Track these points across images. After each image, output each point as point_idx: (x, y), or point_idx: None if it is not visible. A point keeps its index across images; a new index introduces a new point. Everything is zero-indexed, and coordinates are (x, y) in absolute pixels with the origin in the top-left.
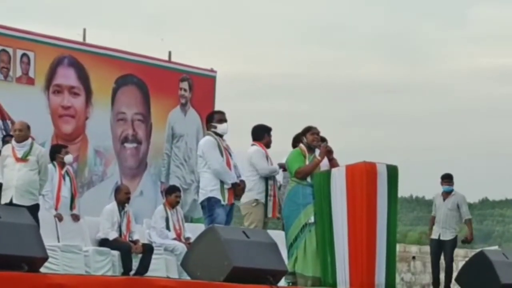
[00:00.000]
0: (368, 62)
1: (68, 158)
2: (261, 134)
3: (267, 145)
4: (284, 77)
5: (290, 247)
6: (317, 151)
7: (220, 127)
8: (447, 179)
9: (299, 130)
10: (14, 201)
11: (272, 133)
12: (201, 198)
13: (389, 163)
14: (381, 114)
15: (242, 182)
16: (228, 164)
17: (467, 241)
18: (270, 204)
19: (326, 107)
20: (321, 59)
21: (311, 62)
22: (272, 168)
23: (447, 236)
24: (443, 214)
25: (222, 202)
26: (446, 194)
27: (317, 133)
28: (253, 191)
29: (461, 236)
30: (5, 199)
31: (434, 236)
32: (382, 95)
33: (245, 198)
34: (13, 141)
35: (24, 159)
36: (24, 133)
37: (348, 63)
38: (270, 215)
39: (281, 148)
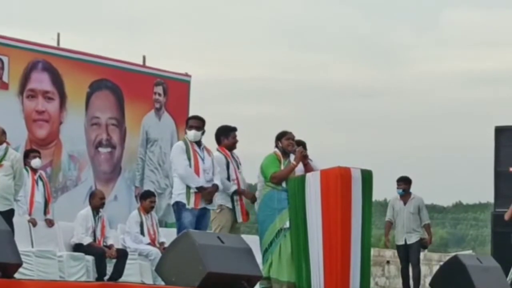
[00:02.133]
0: (344, 66)
1: (35, 162)
2: (218, 137)
3: (230, 146)
4: (259, 80)
5: (265, 252)
6: (292, 156)
7: (189, 134)
8: (401, 181)
9: (274, 134)
10: None
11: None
12: (171, 202)
13: (364, 167)
14: (356, 118)
15: (214, 186)
16: (197, 168)
17: (427, 245)
18: (238, 208)
19: (302, 111)
20: (297, 62)
21: (287, 66)
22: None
23: (412, 240)
24: (406, 218)
25: (187, 206)
26: (405, 197)
27: (292, 138)
28: (216, 197)
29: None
30: None
31: (400, 242)
32: (357, 99)
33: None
34: None
35: None
36: None
37: (324, 66)
38: (240, 220)
39: (258, 151)
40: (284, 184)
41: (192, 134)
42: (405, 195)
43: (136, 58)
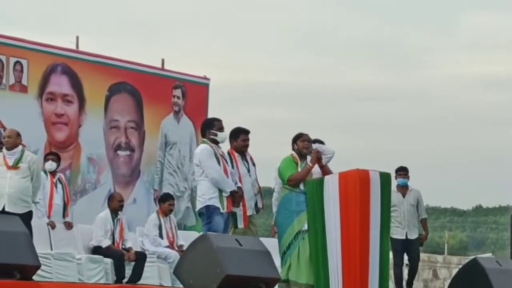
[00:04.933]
0: (358, 69)
1: (48, 165)
2: (229, 140)
3: (237, 149)
4: (275, 84)
5: (283, 254)
6: (309, 158)
7: (221, 135)
8: (402, 171)
9: (290, 137)
10: (7, 209)
11: (249, 135)
12: (199, 206)
13: (381, 170)
14: (371, 121)
15: (240, 189)
16: (225, 171)
17: (423, 242)
18: (239, 213)
19: (317, 114)
20: (312, 66)
21: (303, 69)
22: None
23: (413, 235)
24: (406, 211)
25: (221, 210)
26: (403, 189)
27: (308, 140)
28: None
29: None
30: None
31: (399, 235)
32: (372, 102)
33: None
34: (3, 149)
35: (15, 166)
36: (13, 140)
37: (339, 70)
38: (240, 225)
39: (273, 154)
40: (302, 186)
41: (226, 135)
42: (404, 186)
43: (155, 61)
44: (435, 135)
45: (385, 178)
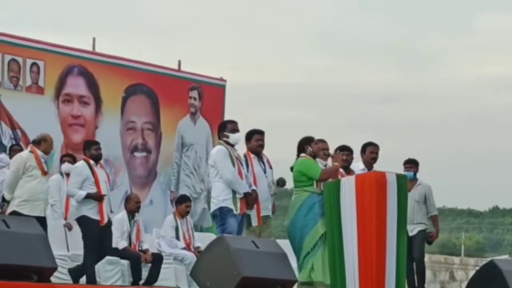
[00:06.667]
0: (371, 71)
1: (64, 166)
2: (245, 141)
3: (252, 150)
4: (292, 85)
5: (306, 256)
6: (320, 160)
7: (233, 137)
8: (408, 164)
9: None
10: (45, 214)
11: (258, 136)
12: (213, 207)
13: (396, 172)
14: (384, 123)
15: (254, 191)
16: (240, 173)
17: (432, 240)
18: (253, 212)
19: (332, 116)
20: (328, 67)
21: (319, 71)
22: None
23: (415, 231)
24: (410, 207)
25: (235, 212)
26: (411, 183)
27: (322, 141)
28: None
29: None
30: (33, 212)
31: None
32: (385, 104)
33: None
34: (39, 152)
35: (48, 172)
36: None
37: (352, 71)
38: (254, 223)
39: (292, 156)
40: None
41: (238, 137)
42: (411, 180)
43: (171, 62)
44: (452, 136)
45: (402, 180)
